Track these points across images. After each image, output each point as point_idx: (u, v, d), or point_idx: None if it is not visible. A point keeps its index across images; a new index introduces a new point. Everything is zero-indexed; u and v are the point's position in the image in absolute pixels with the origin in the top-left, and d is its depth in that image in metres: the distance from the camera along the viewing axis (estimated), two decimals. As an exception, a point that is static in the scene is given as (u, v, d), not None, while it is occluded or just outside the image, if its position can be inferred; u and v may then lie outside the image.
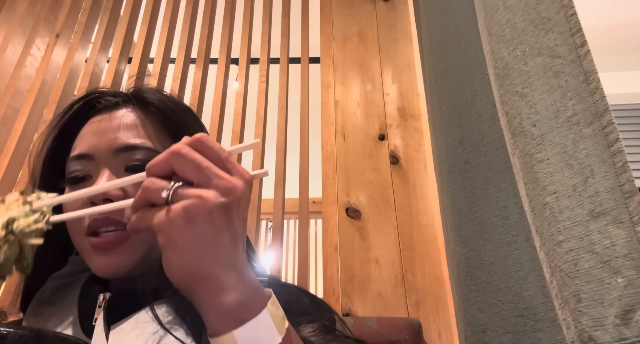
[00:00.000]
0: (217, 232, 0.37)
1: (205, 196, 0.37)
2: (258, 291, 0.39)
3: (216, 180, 0.38)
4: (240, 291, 0.37)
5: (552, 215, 0.41)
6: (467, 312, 0.72)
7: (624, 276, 0.34)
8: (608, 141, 0.39)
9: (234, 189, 0.38)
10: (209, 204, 0.37)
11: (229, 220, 0.38)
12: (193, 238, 0.36)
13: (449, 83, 0.85)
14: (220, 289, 0.37)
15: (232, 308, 0.37)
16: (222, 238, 0.37)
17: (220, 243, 0.37)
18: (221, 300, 0.37)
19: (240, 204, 0.39)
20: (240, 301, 0.37)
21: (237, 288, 0.37)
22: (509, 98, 0.51)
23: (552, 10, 0.47)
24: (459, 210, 0.77)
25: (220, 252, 0.37)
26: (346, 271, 1.21)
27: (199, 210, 0.36)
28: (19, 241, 0.44)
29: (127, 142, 0.58)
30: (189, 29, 1.58)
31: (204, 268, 0.37)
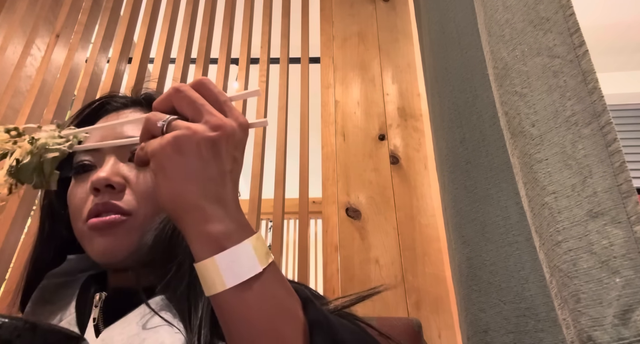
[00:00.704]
0: (204, 164, 0.40)
1: (193, 128, 0.40)
2: (243, 226, 0.41)
3: (208, 116, 0.41)
4: (225, 223, 0.40)
5: (551, 215, 0.41)
6: (468, 312, 0.72)
7: (622, 276, 0.34)
8: (606, 141, 0.39)
9: (222, 126, 0.40)
10: (197, 136, 0.39)
11: (217, 154, 0.40)
12: (181, 166, 0.39)
13: (450, 83, 0.85)
14: (205, 219, 0.39)
15: (215, 236, 0.39)
16: (209, 170, 0.40)
17: (207, 175, 0.40)
18: (205, 228, 0.39)
19: (229, 142, 0.41)
20: (223, 231, 0.39)
21: (221, 220, 0.40)
22: (508, 98, 0.51)
23: (551, 10, 0.48)
24: (460, 210, 0.77)
25: (206, 184, 0.40)
26: (346, 271, 1.21)
27: (187, 140, 0.39)
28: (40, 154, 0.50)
29: (132, 133, 0.60)
30: (189, 29, 1.59)
31: (191, 196, 0.39)
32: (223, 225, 0.39)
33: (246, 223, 0.42)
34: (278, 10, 1.64)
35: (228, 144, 0.41)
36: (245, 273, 0.39)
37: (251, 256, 0.39)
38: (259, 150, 1.37)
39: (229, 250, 0.39)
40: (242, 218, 0.42)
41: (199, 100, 0.42)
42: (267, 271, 0.40)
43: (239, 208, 0.42)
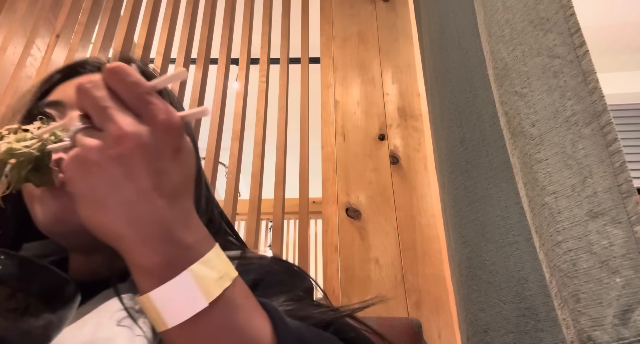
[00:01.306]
0: (114, 186, 0.32)
1: (89, 146, 0.32)
2: (183, 250, 0.33)
3: (109, 124, 0.32)
4: (159, 250, 0.33)
5: (551, 215, 0.41)
6: (468, 312, 0.72)
7: (622, 276, 0.34)
8: (606, 141, 0.39)
9: (124, 136, 0.32)
10: (94, 155, 0.32)
11: (128, 172, 0.32)
12: (88, 190, 0.33)
13: (450, 83, 0.85)
14: (134, 247, 0.33)
15: (147, 269, 0.33)
16: (123, 192, 0.32)
17: (122, 198, 0.32)
18: (137, 259, 0.33)
19: (142, 153, 0.32)
20: (156, 262, 0.32)
21: (153, 248, 0.33)
22: (508, 98, 0.51)
23: (551, 11, 0.48)
24: (460, 210, 0.77)
25: (123, 207, 0.32)
26: (346, 271, 1.21)
27: (85, 161, 0.32)
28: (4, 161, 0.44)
29: None
30: (189, 29, 1.59)
31: (109, 224, 0.33)
32: (155, 254, 0.32)
33: (188, 245, 0.34)
34: (278, 10, 1.64)
35: (142, 156, 0.32)
36: (185, 311, 0.32)
37: (192, 289, 0.32)
38: (259, 150, 1.38)
39: (164, 287, 0.32)
40: (184, 238, 0.34)
41: (101, 101, 0.33)
42: (220, 300, 0.33)
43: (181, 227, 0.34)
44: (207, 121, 1.43)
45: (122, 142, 0.32)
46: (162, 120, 0.33)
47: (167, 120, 0.33)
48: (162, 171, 0.33)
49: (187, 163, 0.35)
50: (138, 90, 0.33)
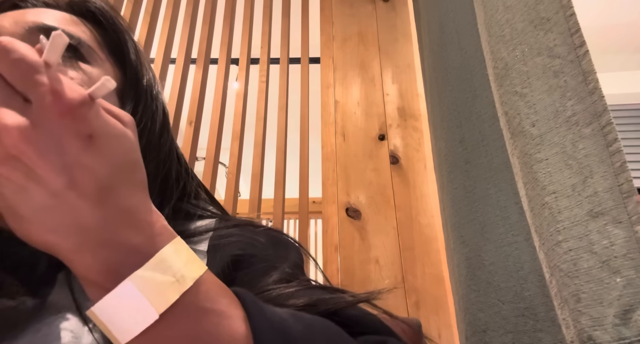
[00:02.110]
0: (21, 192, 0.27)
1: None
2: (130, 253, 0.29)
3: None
4: (97, 257, 0.28)
5: (552, 215, 0.41)
6: (467, 312, 0.72)
7: (622, 276, 0.34)
8: (607, 141, 0.39)
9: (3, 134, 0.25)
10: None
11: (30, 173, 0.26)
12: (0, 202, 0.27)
13: (450, 83, 0.85)
14: (70, 256, 0.28)
15: (91, 278, 0.28)
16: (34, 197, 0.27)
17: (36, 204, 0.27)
18: (77, 269, 0.29)
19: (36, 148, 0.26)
20: (99, 269, 0.28)
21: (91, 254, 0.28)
22: (508, 98, 0.51)
23: (551, 11, 0.48)
24: (459, 210, 0.77)
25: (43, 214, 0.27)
26: (346, 271, 1.21)
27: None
28: None
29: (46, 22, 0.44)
30: (189, 29, 1.59)
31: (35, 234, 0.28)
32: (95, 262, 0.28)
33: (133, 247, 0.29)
34: (278, 11, 1.64)
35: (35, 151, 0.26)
36: (134, 325, 0.28)
37: (137, 299, 0.28)
38: (259, 150, 1.38)
39: (105, 299, 0.27)
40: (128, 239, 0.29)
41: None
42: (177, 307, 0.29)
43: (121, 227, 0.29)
44: (207, 121, 1.43)
45: (3, 140, 0.25)
46: (49, 102, 0.26)
47: (57, 102, 0.26)
48: (73, 165, 0.27)
49: (112, 150, 0.28)
50: (22, 68, 0.26)
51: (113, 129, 0.29)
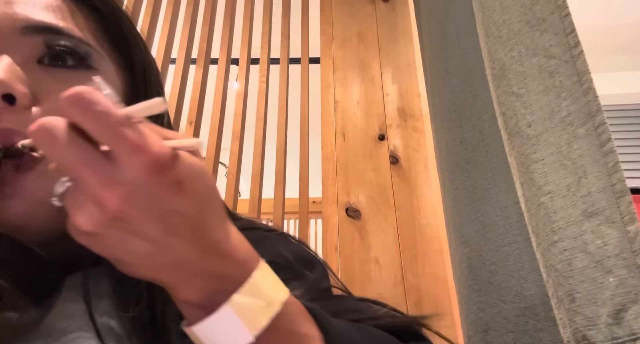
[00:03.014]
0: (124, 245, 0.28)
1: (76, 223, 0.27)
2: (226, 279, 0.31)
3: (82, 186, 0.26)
4: (196, 287, 0.30)
5: (547, 215, 0.42)
6: (469, 312, 0.72)
7: (615, 276, 0.35)
8: (600, 141, 0.40)
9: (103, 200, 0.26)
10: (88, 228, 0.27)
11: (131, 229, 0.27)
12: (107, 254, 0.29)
13: (450, 83, 0.85)
14: (170, 286, 0.31)
15: (189, 303, 0.31)
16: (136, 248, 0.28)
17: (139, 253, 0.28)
18: (177, 296, 0.31)
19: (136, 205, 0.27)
20: (199, 296, 0.31)
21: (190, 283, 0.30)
22: (505, 98, 0.51)
23: (547, 11, 0.48)
24: (460, 210, 0.77)
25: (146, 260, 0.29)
26: (346, 271, 1.22)
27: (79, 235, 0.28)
28: None
29: (44, 19, 0.39)
30: (190, 30, 1.59)
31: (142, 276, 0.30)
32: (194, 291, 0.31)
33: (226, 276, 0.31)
34: (278, 11, 1.64)
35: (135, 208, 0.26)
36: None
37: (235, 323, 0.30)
38: (259, 150, 1.38)
39: (206, 322, 0.30)
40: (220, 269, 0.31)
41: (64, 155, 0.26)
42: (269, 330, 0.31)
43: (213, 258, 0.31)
44: (207, 121, 1.43)
45: (105, 205, 0.26)
46: (142, 162, 0.26)
47: (149, 161, 0.26)
48: (168, 214, 0.28)
49: (197, 189, 0.29)
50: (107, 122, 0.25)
51: (194, 169, 0.29)
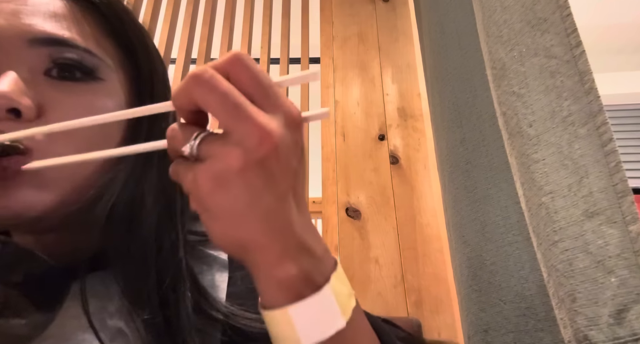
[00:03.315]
0: (255, 194, 0.28)
1: (233, 154, 0.28)
2: (320, 259, 0.31)
3: (247, 126, 0.28)
4: (300, 262, 0.30)
5: (548, 215, 0.42)
6: (469, 312, 0.72)
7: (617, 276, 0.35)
8: (602, 141, 0.40)
9: (268, 137, 0.28)
10: (238, 162, 0.28)
11: (270, 177, 0.29)
12: (227, 203, 0.29)
13: (450, 83, 0.85)
14: (273, 259, 0.30)
15: (288, 281, 0.30)
16: (263, 200, 0.29)
17: (263, 207, 0.29)
18: (275, 272, 0.30)
19: (281, 154, 0.29)
20: (298, 274, 0.30)
21: (295, 258, 0.30)
22: (506, 98, 0.51)
23: (548, 11, 0.48)
24: (460, 210, 0.77)
25: (265, 217, 0.29)
26: (346, 271, 1.21)
27: (227, 172, 0.28)
28: None
29: (51, 31, 0.39)
30: (190, 30, 1.59)
31: (249, 236, 0.30)
32: (296, 265, 0.30)
33: (322, 253, 0.32)
34: (278, 11, 1.64)
35: (280, 158, 0.29)
36: (325, 330, 0.30)
37: (332, 306, 0.30)
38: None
39: (306, 301, 0.30)
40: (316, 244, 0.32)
41: (230, 96, 0.28)
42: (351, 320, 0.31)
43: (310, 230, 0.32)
44: (207, 121, 1.43)
45: (266, 143, 0.28)
46: (295, 115, 0.29)
47: (298, 115, 0.30)
48: (295, 173, 0.30)
49: (303, 161, 0.31)
50: (265, 81, 0.29)
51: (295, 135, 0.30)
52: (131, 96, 0.45)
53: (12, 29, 0.38)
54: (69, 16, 0.42)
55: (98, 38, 0.43)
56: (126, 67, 0.46)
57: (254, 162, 0.28)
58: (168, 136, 0.31)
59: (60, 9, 0.41)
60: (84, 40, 0.41)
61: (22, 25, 0.38)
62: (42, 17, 0.40)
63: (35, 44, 0.38)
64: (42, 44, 0.39)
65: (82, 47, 0.40)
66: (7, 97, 0.35)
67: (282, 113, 0.29)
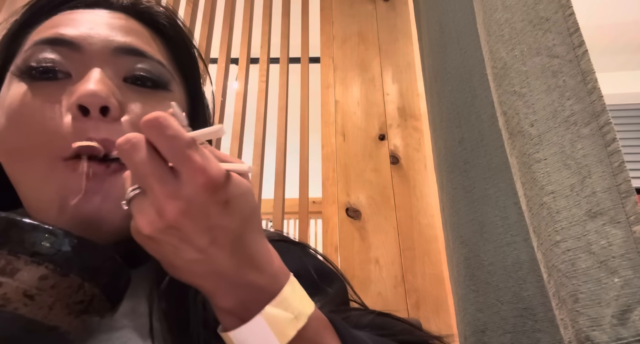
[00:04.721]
0: (175, 251, 0.32)
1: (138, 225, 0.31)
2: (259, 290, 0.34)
3: (150, 194, 0.31)
4: (232, 295, 0.34)
5: (550, 215, 0.41)
6: (466, 312, 0.72)
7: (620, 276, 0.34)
8: (605, 141, 0.39)
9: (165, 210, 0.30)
10: (146, 231, 0.31)
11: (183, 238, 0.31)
12: (159, 256, 0.33)
13: (449, 83, 0.85)
14: (211, 293, 0.34)
15: (226, 310, 0.34)
16: (185, 255, 0.32)
17: (186, 259, 0.32)
18: (216, 302, 0.35)
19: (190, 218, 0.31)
20: (234, 305, 0.34)
21: (228, 293, 0.33)
22: (507, 98, 0.51)
23: (551, 10, 0.47)
24: (458, 210, 0.77)
25: (191, 266, 0.32)
26: (346, 271, 1.21)
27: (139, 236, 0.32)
28: None
29: (133, 43, 0.44)
30: (189, 29, 1.58)
31: (186, 279, 0.34)
32: (230, 299, 0.34)
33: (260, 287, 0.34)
34: (278, 10, 1.64)
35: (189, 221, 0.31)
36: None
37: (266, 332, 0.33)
38: (259, 150, 1.37)
39: (241, 329, 0.33)
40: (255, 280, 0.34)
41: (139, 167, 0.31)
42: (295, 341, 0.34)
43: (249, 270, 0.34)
44: (207, 121, 1.43)
45: (165, 214, 0.30)
46: (201, 182, 0.30)
47: (206, 182, 0.30)
48: (214, 227, 0.32)
49: (241, 207, 0.33)
50: (176, 145, 0.30)
51: (241, 189, 0.33)
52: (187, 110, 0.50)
53: (98, 37, 0.42)
54: (146, 35, 0.47)
55: (165, 56, 0.48)
56: (183, 88, 0.51)
57: (160, 229, 0.31)
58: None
59: (136, 27, 0.46)
60: (159, 55, 0.46)
61: (107, 35, 0.43)
62: (122, 30, 0.44)
63: (118, 52, 0.43)
64: (124, 53, 0.43)
65: (157, 60, 0.45)
66: (99, 95, 0.38)
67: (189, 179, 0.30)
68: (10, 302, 0.27)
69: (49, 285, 0.29)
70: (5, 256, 0.27)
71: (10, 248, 0.27)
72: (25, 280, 0.28)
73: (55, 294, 0.29)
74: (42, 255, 0.28)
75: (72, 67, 0.41)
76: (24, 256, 0.28)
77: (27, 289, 0.28)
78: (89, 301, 0.32)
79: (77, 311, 0.31)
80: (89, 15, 0.44)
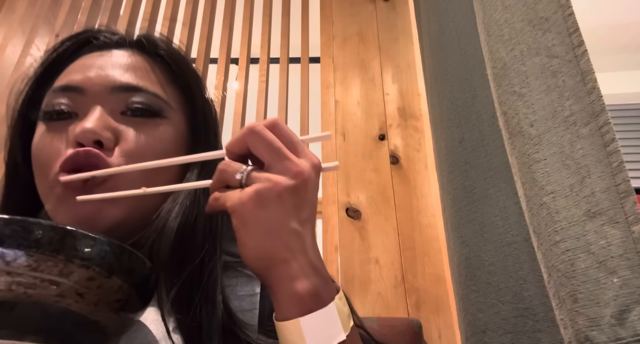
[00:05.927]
0: (286, 215, 0.37)
1: (274, 180, 0.37)
2: (328, 281, 0.38)
3: (286, 162, 0.38)
4: (312, 280, 0.37)
5: (549, 215, 0.41)
6: (467, 312, 0.72)
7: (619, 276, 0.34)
8: (604, 141, 0.39)
9: (301, 172, 0.38)
10: (279, 187, 0.37)
11: (298, 203, 0.38)
12: (264, 220, 0.37)
13: (449, 83, 0.85)
14: (291, 275, 0.37)
15: (302, 295, 0.36)
16: (291, 221, 0.37)
17: (290, 227, 0.37)
18: (293, 286, 0.36)
19: (307, 188, 0.38)
20: (311, 289, 0.36)
21: (309, 276, 0.37)
22: (507, 98, 0.51)
23: (550, 10, 0.47)
24: (459, 210, 0.77)
25: (290, 236, 0.37)
26: (346, 271, 1.21)
27: (270, 193, 0.37)
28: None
29: (127, 80, 0.51)
30: (189, 29, 1.58)
31: (276, 251, 0.37)
32: (309, 282, 0.37)
33: (328, 279, 0.39)
34: (278, 10, 1.64)
35: (307, 190, 0.38)
36: (328, 341, 0.36)
37: (336, 321, 0.36)
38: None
39: (315, 314, 0.36)
40: (324, 268, 0.39)
41: (275, 142, 0.38)
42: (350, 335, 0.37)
43: (319, 256, 0.39)
44: (207, 121, 1.43)
45: (299, 176, 0.37)
46: (317, 162, 0.40)
47: (319, 162, 0.40)
48: (312, 204, 0.39)
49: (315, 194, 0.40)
50: (295, 139, 0.40)
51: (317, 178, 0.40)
52: (188, 130, 0.56)
53: (99, 79, 0.50)
54: (141, 67, 0.54)
55: (163, 84, 0.55)
56: (184, 107, 0.57)
57: (289, 188, 0.37)
58: (219, 168, 0.40)
59: (135, 62, 0.54)
60: (153, 86, 0.53)
61: (107, 76, 0.51)
62: (121, 69, 0.52)
63: (115, 90, 0.50)
64: (121, 90, 0.50)
65: (151, 92, 0.52)
66: (93, 131, 0.46)
67: (309, 160, 0.39)
68: (65, 298, 0.32)
69: (95, 285, 0.33)
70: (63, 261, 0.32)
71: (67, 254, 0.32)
72: (77, 280, 0.32)
73: (100, 293, 0.33)
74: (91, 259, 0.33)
75: (78, 107, 0.50)
76: (77, 260, 0.32)
77: (78, 288, 0.32)
78: (125, 300, 0.36)
79: (115, 308, 0.35)
80: (99, 59, 0.53)
